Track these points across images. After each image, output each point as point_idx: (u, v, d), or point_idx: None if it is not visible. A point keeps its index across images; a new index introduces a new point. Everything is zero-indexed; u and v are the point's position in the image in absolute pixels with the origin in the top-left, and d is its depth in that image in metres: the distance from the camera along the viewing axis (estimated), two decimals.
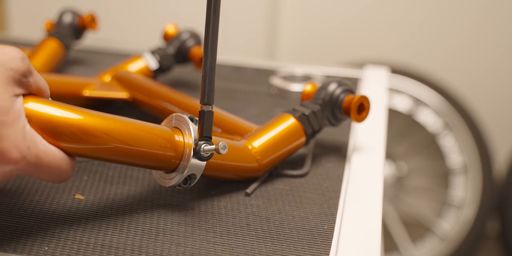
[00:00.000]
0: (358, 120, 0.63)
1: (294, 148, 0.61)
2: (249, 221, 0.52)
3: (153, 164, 0.50)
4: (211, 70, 0.49)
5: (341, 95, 0.63)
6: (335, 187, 0.59)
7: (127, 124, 0.49)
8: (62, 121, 0.45)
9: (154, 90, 0.72)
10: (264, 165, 0.59)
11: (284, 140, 0.60)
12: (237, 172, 0.58)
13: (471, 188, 1.64)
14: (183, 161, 0.51)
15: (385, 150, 0.69)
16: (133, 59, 0.79)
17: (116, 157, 0.48)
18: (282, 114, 0.62)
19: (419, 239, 1.69)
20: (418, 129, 1.70)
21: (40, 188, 0.56)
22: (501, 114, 1.78)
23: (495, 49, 1.74)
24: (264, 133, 0.60)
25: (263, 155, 0.59)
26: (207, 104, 0.50)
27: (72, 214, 0.52)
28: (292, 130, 0.61)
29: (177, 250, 0.47)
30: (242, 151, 0.57)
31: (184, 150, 0.51)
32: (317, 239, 0.50)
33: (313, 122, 0.62)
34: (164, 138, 0.50)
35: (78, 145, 0.46)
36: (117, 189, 0.56)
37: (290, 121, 0.61)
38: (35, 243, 0.47)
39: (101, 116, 0.48)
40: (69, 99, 0.70)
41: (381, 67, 0.98)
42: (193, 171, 0.51)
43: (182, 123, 0.52)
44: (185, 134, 0.51)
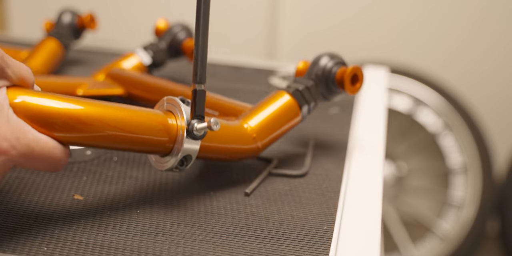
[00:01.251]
0: (353, 92, 0.62)
1: (290, 125, 0.61)
2: (248, 222, 0.52)
3: (148, 148, 0.50)
4: (203, 48, 0.49)
5: (334, 67, 0.63)
6: (334, 187, 0.59)
7: (119, 111, 0.48)
8: (52, 111, 0.45)
9: (148, 83, 0.72)
10: (262, 143, 0.59)
11: (279, 117, 0.60)
12: (235, 153, 0.57)
13: (471, 188, 1.64)
14: (177, 144, 0.50)
15: (384, 150, 0.69)
16: (126, 56, 0.79)
17: (109, 144, 0.48)
18: (276, 92, 0.62)
19: (419, 239, 1.69)
20: (418, 129, 1.70)
21: (40, 188, 0.55)
22: (501, 114, 1.78)
23: (495, 49, 1.74)
24: (259, 111, 0.60)
25: (259, 133, 0.58)
26: (199, 83, 0.50)
27: (72, 215, 0.52)
28: (287, 107, 0.61)
29: (177, 250, 0.47)
30: (237, 131, 0.57)
31: (177, 132, 0.51)
32: (317, 240, 0.50)
33: (307, 97, 0.62)
34: (157, 122, 0.50)
35: (70, 134, 0.46)
36: (116, 189, 0.56)
37: (285, 98, 0.61)
38: (34, 243, 0.47)
39: (92, 104, 0.47)
40: None
41: (380, 67, 0.98)
42: (188, 152, 0.51)
43: (174, 105, 0.52)
44: (177, 116, 0.51)
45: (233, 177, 0.60)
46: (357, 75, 0.62)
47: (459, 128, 1.64)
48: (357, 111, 0.79)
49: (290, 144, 0.68)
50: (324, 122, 0.75)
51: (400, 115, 1.68)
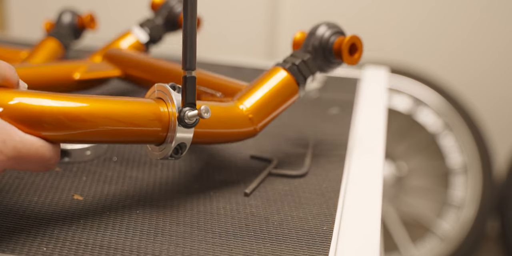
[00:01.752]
0: (351, 62, 0.60)
1: (288, 103, 0.60)
2: (248, 222, 0.52)
3: (141, 139, 0.50)
4: (191, 33, 0.47)
5: (331, 37, 0.60)
6: (334, 187, 0.59)
7: (110, 104, 0.47)
8: (44, 109, 0.44)
9: (145, 63, 0.70)
10: (259, 124, 0.57)
11: (276, 95, 0.58)
12: (232, 136, 0.56)
13: (471, 188, 1.64)
14: (170, 132, 0.49)
15: (384, 150, 0.69)
16: (123, 36, 0.79)
17: (102, 138, 0.48)
18: (272, 68, 0.60)
19: (419, 239, 1.69)
20: (418, 129, 1.70)
21: (39, 188, 0.55)
22: (501, 114, 1.78)
23: (495, 49, 1.74)
24: (254, 90, 0.58)
25: (256, 114, 0.57)
26: (189, 69, 0.48)
27: (71, 215, 0.52)
28: (283, 84, 0.59)
29: (176, 250, 0.47)
30: (233, 113, 0.56)
31: (169, 120, 0.49)
32: (316, 240, 0.50)
33: (304, 72, 0.59)
34: (149, 111, 0.49)
35: (62, 131, 0.45)
36: (116, 189, 0.56)
37: (281, 74, 0.59)
38: (34, 243, 0.47)
39: (84, 99, 0.46)
40: (60, 84, 0.69)
41: (380, 67, 0.98)
42: (182, 140, 0.50)
43: (164, 92, 0.50)
44: (168, 104, 0.50)
45: (232, 177, 0.60)
46: (355, 45, 0.60)
47: (459, 128, 1.64)
48: (357, 111, 0.79)
49: (290, 144, 0.68)
50: (324, 122, 0.75)
51: (400, 115, 1.68)
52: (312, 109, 0.79)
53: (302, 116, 0.77)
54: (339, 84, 0.89)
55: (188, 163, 0.62)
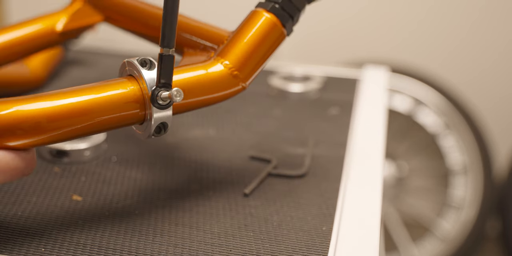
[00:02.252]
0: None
1: (275, 48, 0.54)
2: (247, 222, 0.52)
3: (121, 124, 0.47)
4: (172, 8, 0.43)
5: None
6: (334, 187, 0.59)
7: (84, 97, 0.44)
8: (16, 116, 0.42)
9: (129, 6, 0.65)
10: (246, 79, 0.53)
11: (262, 44, 0.53)
12: (218, 99, 0.52)
13: (471, 188, 1.63)
14: (148, 110, 0.47)
15: (384, 150, 0.69)
16: None
17: (80, 134, 0.45)
18: (252, 11, 0.54)
19: (420, 240, 1.68)
20: (418, 129, 1.69)
21: (38, 189, 0.55)
22: (502, 114, 1.78)
23: (495, 49, 1.73)
24: (236, 41, 0.53)
25: (241, 68, 0.52)
26: (167, 47, 0.44)
27: (70, 215, 0.51)
28: (267, 29, 0.53)
29: (175, 251, 0.47)
30: (215, 74, 0.51)
31: (144, 99, 0.46)
32: (316, 240, 0.50)
33: (289, 10, 0.53)
34: (124, 95, 0.46)
35: (36, 137, 0.43)
36: (115, 190, 0.56)
37: (263, 18, 0.53)
38: (32, 244, 0.47)
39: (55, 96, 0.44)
40: (42, 40, 0.66)
41: (380, 67, 0.97)
42: (161, 120, 0.47)
43: (135, 70, 0.47)
44: (140, 82, 0.46)
45: (232, 177, 0.60)
46: None
47: (460, 128, 1.64)
48: (357, 111, 0.79)
49: (290, 144, 0.68)
50: (323, 122, 0.75)
51: (400, 115, 1.68)
52: (312, 109, 0.79)
53: (301, 116, 0.77)
54: (339, 84, 0.88)
55: (187, 163, 0.62)
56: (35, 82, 0.79)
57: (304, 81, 0.86)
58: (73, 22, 0.68)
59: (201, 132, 0.70)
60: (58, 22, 0.67)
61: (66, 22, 0.67)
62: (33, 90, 0.79)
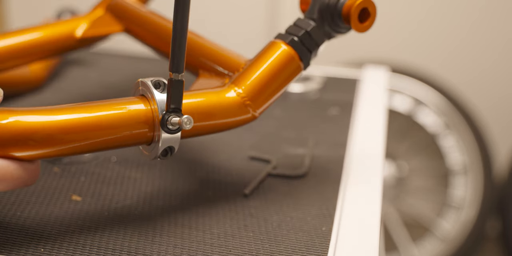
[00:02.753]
0: (360, 30, 0.53)
1: (291, 80, 0.54)
2: (246, 222, 0.52)
3: (128, 144, 0.47)
4: (181, 33, 0.43)
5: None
6: (333, 188, 0.59)
7: (96, 113, 0.45)
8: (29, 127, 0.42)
9: (149, 20, 0.65)
10: (257, 110, 0.52)
11: (277, 75, 0.52)
12: (227, 126, 0.52)
13: (471, 188, 1.63)
14: (156, 132, 0.46)
15: (384, 151, 0.69)
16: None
17: (86, 150, 0.45)
18: (271, 42, 0.54)
19: (420, 240, 1.68)
20: (418, 129, 1.69)
21: (37, 189, 0.55)
22: (502, 114, 1.78)
23: (495, 49, 1.73)
24: (252, 71, 0.52)
25: (254, 98, 0.52)
26: (176, 72, 0.44)
27: (69, 216, 0.51)
28: (285, 61, 0.52)
29: (174, 252, 0.47)
30: (227, 101, 0.51)
31: (153, 121, 0.46)
32: (315, 241, 0.50)
33: (308, 45, 0.53)
34: (135, 114, 0.46)
35: (45, 149, 0.43)
36: (114, 190, 0.56)
37: (281, 49, 0.53)
38: (31, 244, 0.47)
39: (69, 110, 0.44)
40: (60, 44, 0.66)
41: (381, 67, 0.97)
42: (169, 144, 0.47)
43: (147, 91, 0.47)
44: (151, 103, 0.46)
45: (231, 177, 0.60)
46: (367, 10, 0.53)
47: (460, 128, 1.64)
48: (357, 111, 0.79)
49: (289, 144, 0.68)
50: (323, 122, 0.75)
51: (400, 115, 1.68)
52: (312, 109, 0.79)
53: (301, 117, 0.77)
54: (339, 84, 0.88)
55: (186, 163, 0.62)
56: (35, 82, 0.79)
57: (304, 81, 0.86)
58: (93, 29, 0.67)
59: None
60: (79, 28, 0.67)
61: (86, 29, 0.67)
62: (33, 90, 0.79)
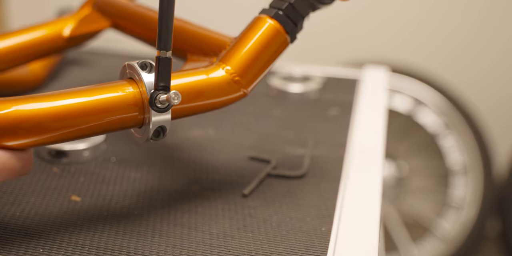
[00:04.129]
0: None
1: (278, 53, 0.54)
2: (246, 223, 0.52)
3: (120, 127, 0.47)
4: (168, 10, 0.43)
5: None
6: (333, 188, 0.59)
7: (85, 98, 0.45)
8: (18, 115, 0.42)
9: (135, 12, 0.65)
10: (247, 85, 0.52)
11: (264, 50, 0.52)
12: (219, 104, 0.52)
13: (471, 188, 1.63)
14: (146, 114, 0.46)
15: (384, 151, 0.69)
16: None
17: (78, 135, 0.45)
18: (256, 17, 0.54)
19: (420, 240, 1.68)
20: (418, 129, 1.69)
21: (36, 189, 0.55)
22: (502, 114, 1.78)
23: (495, 49, 1.73)
24: (238, 47, 0.52)
25: (243, 74, 0.51)
26: (164, 50, 0.44)
27: (68, 216, 0.51)
28: (271, 35, 0.52)
29: (173, 252, 0.47)
30: (216, 79, 0.50)
31: (143, 102, 0.46)
32: (315, 241, 0.50)
33: (293, 17, 0.53)
34: (124, 98, 0.46)
35: (36, 137, 0.43)
36: (113, 190, 0.56)
37: (266, 24, 0.53)
38: (30, 245, 0.47)
39: (58, 96, 0.44)
40: (49, 45, 0.66)
41: (380, 67, 0.97)
42: (160, 124, 0.46)
43: (134, 73, 0.47)
44: (140, 85, 0.46)
45: (231, 178, 0.60)
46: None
47: (460, 128, 1.64)
48: (357, 111, 0.79)
49: (289, 145, 0.68)
50: (323, 122, 0.75)
51: (400, 115, 1.68)
52: (312, 109, 0.79)
53: (301, 117, 0.77)
54: (338, 85, 0.88)
55: (186, 163, 0.62)
56: (35, 82, 0.79)
57: (304, 81, 0.86)
58: (81, 27, 0.68)
59: (201, 133, 0.70)
60: (66, 28, 0.67)
61: (74, 28, 0.68)
62: (32, 90, 0.79)
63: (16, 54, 0.65)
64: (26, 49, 0.65)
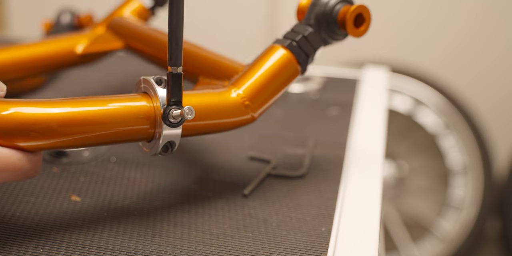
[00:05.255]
0: (356, 35, 0.55)
1: (289, 83, 0.55)
2: (246, 223, 0.52)
3: (129, 139, 0.48)
4: (177, 27, 0.44)
5: (337, 6, 0.55)
6: (333, 188, 0.59)
7: (98, 107, 0.46)
8: (31, 118, 0.43)
9: (149, 36, 0.67)
10: (256, 111, 0.54)
11: (275, 78, 0.54)
12: (227, 126, 0.53)
13: (471, 188, 1.63)
14: (158, 128, 0.47)
15: (384, 151, 0.69)
16: (127, 2, 0.76)
17: (88, 143, 0.46)
18: (270, 46, 0.56)
19: (419, 240, 1.68)
20: (418, 129, 1.69)
21: (36, 189, 0.55)
22: (501, 114, 1.78)
23: (495, 49, 1.73)
24: (251, 73, 0.54)
25: (253, 100, 0.53)
26: (174, 65, 0.45)
27: (68, 216, 0.51)
28: (283, 64, 0.54)
29: (173, 252, 0.47)
30: (226, 101, 0.52)
31: (155, 117, 0.47)
32: (315, 241, 0.50)
33: (306, 49, 0.55)
34: (137, 110, 0.47)
35: (46, 140, 0.44)
36: (113, 190, 0.56)
37: (279, 53, 0.55)
38: (30, 245, 0.47)
39: (71, 103, 0.45)
40: (60, 60, 0.68)
41: (381, 67, 0.97)
42: (170, 139, 0.48)
43: (149, 87, 0.48)
44: (153, 99, 0.47)
45: (231, 178, 0.60)
46: (362, 15, 0.55)
47: (460, 128, 1.64)
48: (357, 111, 0.79)
49: (289, 145, 0.68)
50: (323, 122, 0.75)
51: (400, 115, 1.68)
52: (312, 109, 0.79)
53: (301, 117, 0.77)
54: (338, 85, 0.88)
55: (186, 163, 0.62)
56: (35, 82, 0.79)
57: (304, 82, 0.86)
58: (93, 46, 0.69)
59: None
60: (79, 45, 0.69)
61: (87, 46, 0.69)
62: (33, 90, 0.79)
63: (28, 65, 0.66)
64: (38, 62, 0.66)
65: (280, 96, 0.56)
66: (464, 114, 1.64)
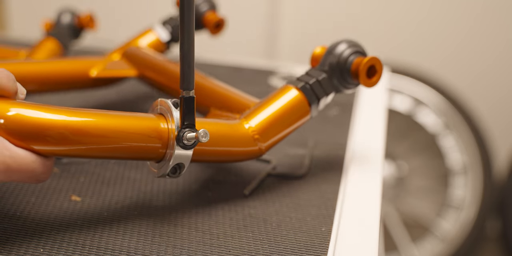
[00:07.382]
0: (368, 85, 0.57)
1: (298, 124, 0.58)
2: (246, 223, 0.52)
3: (140, 156, 0.49)
4: (188, 51, 0.46)
5: (350, 57, 0.57)
6: (333, 188, 0.59)
7: (114, 120, 0.47)
8: (44, 123, 0.44)
9: (162, 66, 0.69)
10: (265, 144, 0.55)
11: (286, 116, 0.56)
12: (235, 155, 0.55)
13: (471, 188, 1.63)
14: (169, 149, 0.49)
15: (384, 151, 0.69)
16: (144, 33, 0.78)
17: (98, 154, 0.47)
18: (284, 86, 0.58)
19: (419, 240, 1.68)
20: (418, 129, 1.69)
21: (37, 189, 0.55)
22: (501, 114, 1.78)
23: (495, 49, 1.73)
24: (263, 108, 0.56)
25: (262, 134, 0.55)
26: (187, 89, 0.47)
27: (68, 216, 0.51)
28: (294, 104, 0.57)
29: (173, 252, 0.47)
30: (237, 132, 0.54)
31: (168, 138, 0.49)
32: (315, 241, 0.50)
33: (318, 92, 0.57)
34: (151, 128, 0.48)
35: (59, 147, 0.45)
36: (113, 190, 0.56)
37: (292, 93, 0.57)
38: (30, 245, 0.47)
39: (87, 113, 0.46)
40: (74, 81, 0.69)
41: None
42: (180, 160, 0.49)
43: (166, 109, 0.50)
44: (169, 121, 0.49)
45: (231, 178, 0.60)
46: (374, 67, 0.57)
47: (460, 128, 1.64)
48: (357, 112, 0.79)
49: (289, 144, 0.68)
50: (323, 123, 0.75)
51: (400, 115, 1.68)
52: None
53: None
54: None
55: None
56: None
57: None
58: (107, 71, 0.71)
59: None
60: (93, 68, 0.70)
61: (101, 70, 0.70)
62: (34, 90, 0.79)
63: (41, 80, 0.67)
64: (51, 79, 0.68)
65: (288, 134, 0.58)
66: (464, 114, 1.64)
